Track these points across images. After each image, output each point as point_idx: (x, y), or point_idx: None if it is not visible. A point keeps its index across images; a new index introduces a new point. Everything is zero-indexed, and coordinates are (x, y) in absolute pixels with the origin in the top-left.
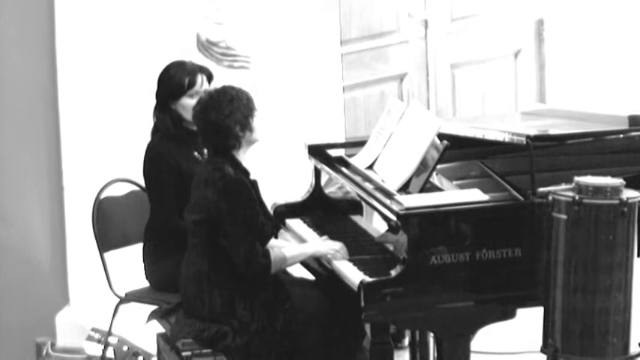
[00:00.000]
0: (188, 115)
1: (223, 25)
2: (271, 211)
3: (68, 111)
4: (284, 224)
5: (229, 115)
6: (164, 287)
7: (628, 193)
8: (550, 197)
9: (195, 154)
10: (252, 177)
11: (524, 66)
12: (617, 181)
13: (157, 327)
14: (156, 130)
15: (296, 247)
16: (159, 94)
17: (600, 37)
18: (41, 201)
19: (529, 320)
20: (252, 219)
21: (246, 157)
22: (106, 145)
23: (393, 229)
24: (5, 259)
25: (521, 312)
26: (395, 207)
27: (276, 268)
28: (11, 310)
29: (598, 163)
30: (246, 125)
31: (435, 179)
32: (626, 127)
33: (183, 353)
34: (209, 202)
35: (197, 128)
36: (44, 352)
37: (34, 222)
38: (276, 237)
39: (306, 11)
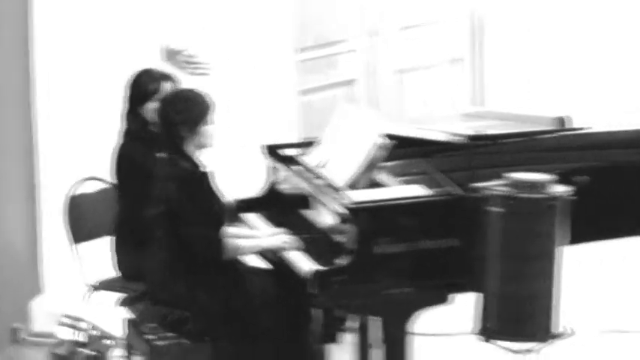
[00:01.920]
0: (154, 119)
1: (186, 34)
2: (230, 206)
3: (43, 114)
4: (242, 218)
5: (178, 114)
6: (131, 276)
7: (557, 188)
8: (487, 192)
9: (160, 154)
10: (206, 169)
11: (464, 71)
12: (548, 177)
13: (125, 313)
14: (124, 133)
15: (251, 239)
16: (127, 99)
17: (534, 45)
18: (16, 197)
19: (464, 305)
20: (208, 208)
21: (207, 155)
22: (79, 146)
23: (341, 222)
24: None
25: (457, 297)
26: (344, 201)
27: (231, 255)
28: None
29: (531, 161)
30: (193, 128)
31: (381, 176)
32: (555, 127)
33: (149, 337)
34: (168, 196)
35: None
36: (19, 337)
37: (9, 217)
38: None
39: (264, 21)
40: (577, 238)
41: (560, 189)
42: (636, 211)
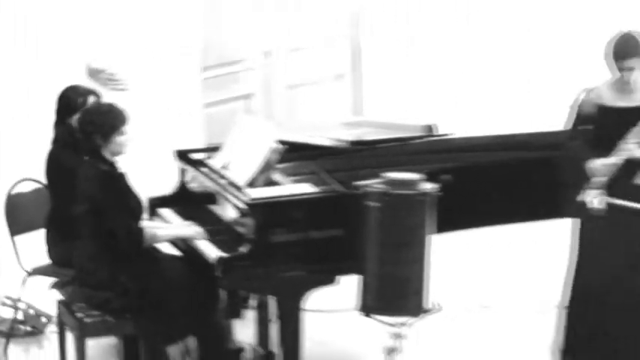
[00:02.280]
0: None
1: (107, 55)
2: (146, 203)
3: None
4: (157, 212)
5: (93, 125)
6: (62, 263)
7: (426, 186)
8: (366, 189)
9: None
10: (122, 171)
11: (346, 86)
12: (418, 176)
13: (57, 295)
14: (55, 140)
15: (166, 229)
16: (57, 111)
17: (406, 62)
18: None
19: (348, 285)
20: (126, 204)
21: (125, 159)
22: (15, 151)
23: (242, 215)
24: None
25: (342, 279)
26: (244, 198)
27: (148, 243)
28: None
29: (403, 162)
30: (107, 138)
31: (276, 176)
32: (423, 134)
33: (78, 315)
34: (91, 194)
35: None
36: None
37: None
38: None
39: (174, 44)
40: (444, 227)
41: (428, 186)
42: (492, 205)
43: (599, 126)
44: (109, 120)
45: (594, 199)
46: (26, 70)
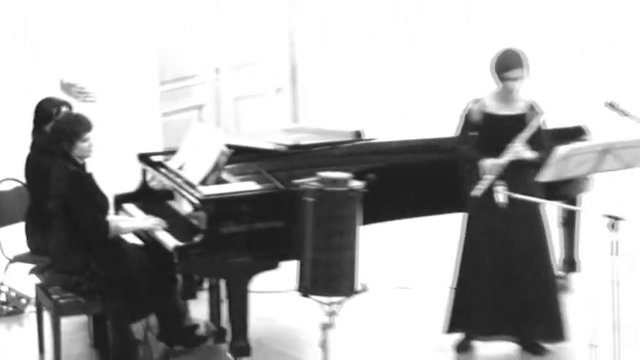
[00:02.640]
0: None
1: (77, 71)
2: (113, 199)
3: None
4: (122, 207)
5: (59, 131)
6: (39, 252)
7: (354, 183)
8: (303, 186)
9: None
10: (88, 171)
11: (285, 97)
12: (347, 175)
13: (35, 279)
14: (33, 145)
15: (129, 222)
16: (34, 120)
17: (339, 75)
18: None
19: (288, 269)
20: (93, 199)
21: (93, 161)
22: None
23: (196, 209)
24: None
25: (283, 264)
26: (197, 194)
27: (113, 234)
28: None
29: (334, 163)
30: (72, 142)
31: (225, 175)
32: (352, 138)
33: (54, 297)
34: (62, 192)
35: None
36: None
37: None
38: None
39: (135, 62)
40: (369, 220)
41: (356, 184)
42: (409, 200)
43: (484, 132)
44: (74, 128)
45: (499, 193)
46: (3, 83)
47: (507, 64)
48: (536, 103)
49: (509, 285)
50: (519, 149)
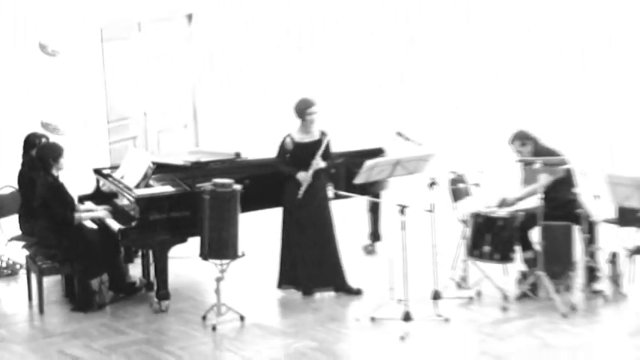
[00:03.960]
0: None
1: (53, 114)
2: (77, 198)
3: None
4: (83, 203)
5: (43, 154)
6: (28, 234)
7: (235, 186)
8: (203, 188)
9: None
10: (60, 181)
11: (190, 131)
12: (230, 181)
13: (25, 252)
14: (22, 164)
15: (88, 213)
16: (24, 147)
17: (234, 108)
18: None
19: (193, 243)
20: (64, 199)
21: (64, 174)
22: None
23: (132, 204)
24: None
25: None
26: (133, 195)
27: (77, 221)
28: None
29: (223, 173)
30: (53, 162)
31: (151, 182)
32: (234, 157)
33: (38, 263)
34: (42, 194)
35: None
36: None
37: None
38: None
39: (90, 107)
40: (245, 209)
41: (237, 187)
42: (266, 197)
43: (296, 154)
44: (54, 153)
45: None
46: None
47: (307, 106)
48: (325, 131)
49: (312, 251)
50: (318, 162)
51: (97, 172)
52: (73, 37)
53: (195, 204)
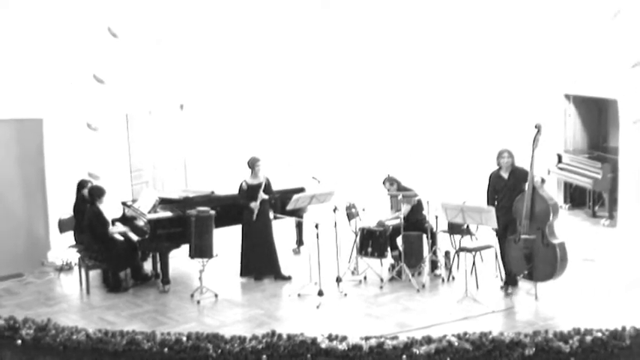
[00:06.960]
0: (86, 195)
1: (95, 166)
2: (110, 220)
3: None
4: (114, 224)
5: (92, 193)
6: (80, 242)
7: (211, 212)
8: (190, 213)
9: (89, 205)
10: (101, 209)
11: (181, 176)
12: (208, 208)
13: (78, 254)
14: (76, 199)
15: (117, 229)
16: (77, 189)
17: (218, 138)
18: (39, 201)
19: (185, 248)
20: (102, 222)
21: (103, 205)
22: (63, 201)
23: (145, 224)
24: None
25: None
26: (145, 218)
27: (111, 234)
28: None
29: (203, 203)
30: (99, 197)
31: (158, 209)
32: (210, 194)
33: (87, 262)
34: (89, 218)
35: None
36: (42, 265)
37: (33, 212)
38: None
39: (118, 160)
40: (218, 226)
41: (212, 212)
42: (231, 217)
43: (250, 193)
44: (99, 192)
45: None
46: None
47: (255, 161)
48: (267, 176)
49: (260, 252)
50: (263, 195)
51: (123, 203)
52: (107, 119)
53: (186, 223)
